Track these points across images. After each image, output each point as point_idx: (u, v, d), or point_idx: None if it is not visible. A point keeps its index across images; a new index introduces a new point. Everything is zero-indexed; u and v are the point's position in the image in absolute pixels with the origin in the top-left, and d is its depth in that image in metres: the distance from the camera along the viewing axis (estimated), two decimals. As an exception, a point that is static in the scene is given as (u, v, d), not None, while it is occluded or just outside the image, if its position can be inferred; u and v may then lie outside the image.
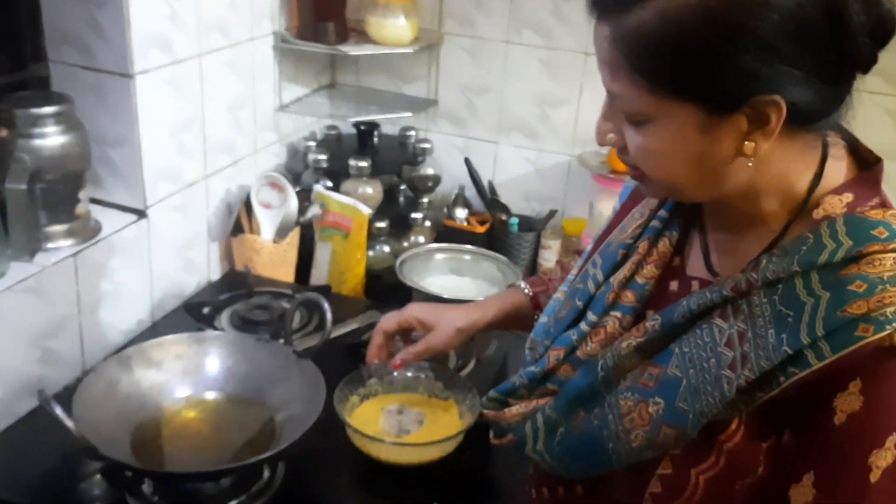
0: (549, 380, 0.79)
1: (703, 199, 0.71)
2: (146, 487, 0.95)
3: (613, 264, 0.78)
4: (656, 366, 0.69)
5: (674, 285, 0.76)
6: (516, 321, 1.01)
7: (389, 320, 1.02)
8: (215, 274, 1.54)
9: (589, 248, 0.88)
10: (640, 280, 0.76)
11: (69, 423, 0.79)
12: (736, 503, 0.66)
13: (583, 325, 0.77)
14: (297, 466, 1.03)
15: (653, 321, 0.70)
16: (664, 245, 0.77)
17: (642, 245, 0.77)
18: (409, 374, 1.11)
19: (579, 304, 0.79)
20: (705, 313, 0.67)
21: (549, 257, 1.77)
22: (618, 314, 0.76)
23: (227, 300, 1.40)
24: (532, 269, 1.78)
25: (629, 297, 0.76)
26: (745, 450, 0.65)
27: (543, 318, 0.86)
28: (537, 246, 1.79)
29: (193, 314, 1.33)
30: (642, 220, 0.79)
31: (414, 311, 1.02)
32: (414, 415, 1.06)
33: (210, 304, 1.37)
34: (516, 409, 0.80)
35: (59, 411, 0.79)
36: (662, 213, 0.78)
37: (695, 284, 0.74)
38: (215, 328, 1.31)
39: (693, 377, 0.66)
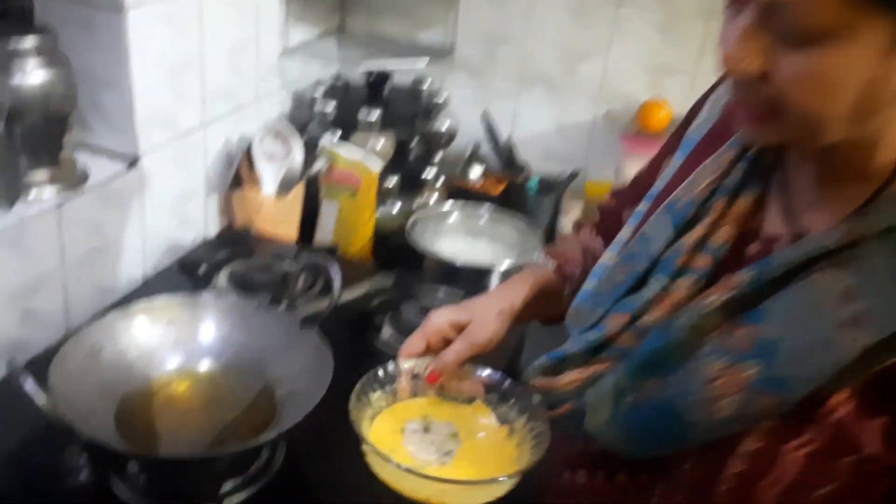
0: (608, 348, 0.71)
1: (832, 140, 0.61)
2: (132, 466, 0.86)
3: (684, 224, 0.69)
4: (748, 325, 0.61)
5: (753, 248, 0.68)
6: (548, 299, 0.91)
7: (412, 344, 0.82)
8: (213, 230, 1.44)
9: (642, 206, 0.79)
10: (714, 242, 0.68)
11: (41, 400, 0.69)
12: (834, 484, 0.59)
13: (648, 291, 0.69)
14: (300, 445, 0.94)
15: (743, 275, 0.62)
16: (743, 203, 0.68)
17: (718, 203, 0.69)
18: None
19: (642, 267, 0.71)
20: (805, 267, 0.60)
21: (568, 224, 1.66)
22: (689, 279, 0.68)
23: (226, 259, 1.30)
24: (551, 234, 1.68)
25: (702, 260, 0.68)
26: (854, 424, 0.58)
27: (589, 284, 0.77)
28: (557, 210, 1.68)
29: (189, 273, 1.23)
30: (717, 175, 0.70)
31: (439, 318, 0.83)
32: (444, 428, 0.81)
33: (207, 263, 1.27)
34: (571, 377, 0.72)
35: (29, 386, 0.69)
36: (741, 166, 0.69)
37: (779, 244, 0.66)
38: (212, 289, 1.21)
39: (797, 338, 0.58)
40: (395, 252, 1.48)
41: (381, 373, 0.82)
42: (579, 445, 0.84)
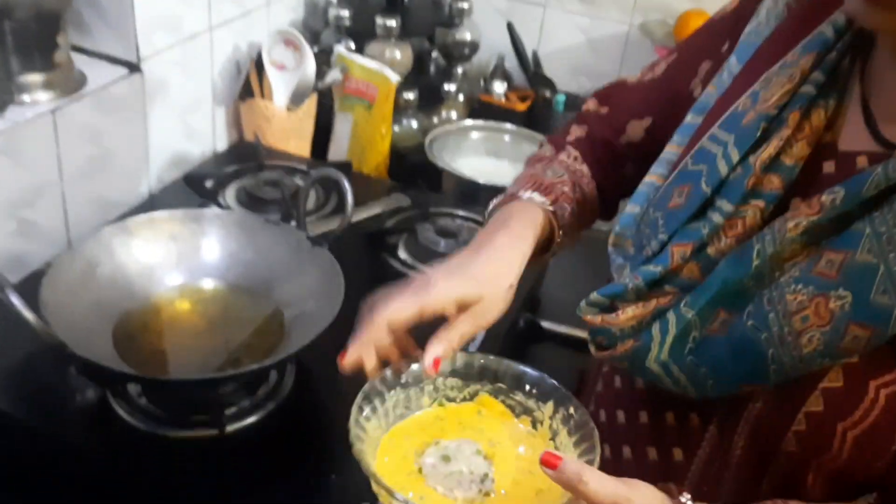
0: (670, 281, 0.64)
1: None
2: (133, 388, 0.81)
3: (753, 140, 0.61)
4: (836, 251, 0.55)
5: (828, 166, 0.60)
6: (541, 248, 0.76)
7: (401, 309, 0.64)
8: (221, 144, 1.37)
9: (691, 119, 0.71)
10: (787, 161, 0.60)
11: (28, 316, 0.64)
12: None
13: (715, 216, 0.62)
14: (309, 369, 0.89)
15: (832, 195, 0.56)
16: (819, 116, 0.61)
17: (792, 116, 0.61)
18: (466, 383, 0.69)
19: (706, 189, 0.63)
20: None
21: (597, 142, 1.58)
22: (759, 203, 0.61)
23: (234, 174, 1.23)
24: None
25: (774, 181, 0.61)
26: None
27: (633, 208, 0.70)
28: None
29: (195, 188, 1.17)
30: (791, 84, 0.61)
31: (447, 291, 0.65)
32: (463, 448, 0.64)
33: (214, 177, 1.21)
34: (632, 312, 0.65)
35: (16, 301, 0.63)
36: (817, 75, 0.61)
37: (861, 160, 0.59)
38: (220, 205, 1.15)
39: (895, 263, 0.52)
40: (413, 170, 1.41)
41: (370, 394, 0.64)
42: (614, 383, 0.78)
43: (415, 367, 0.66)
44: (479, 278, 0.67)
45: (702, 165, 0.64)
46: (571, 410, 0.64)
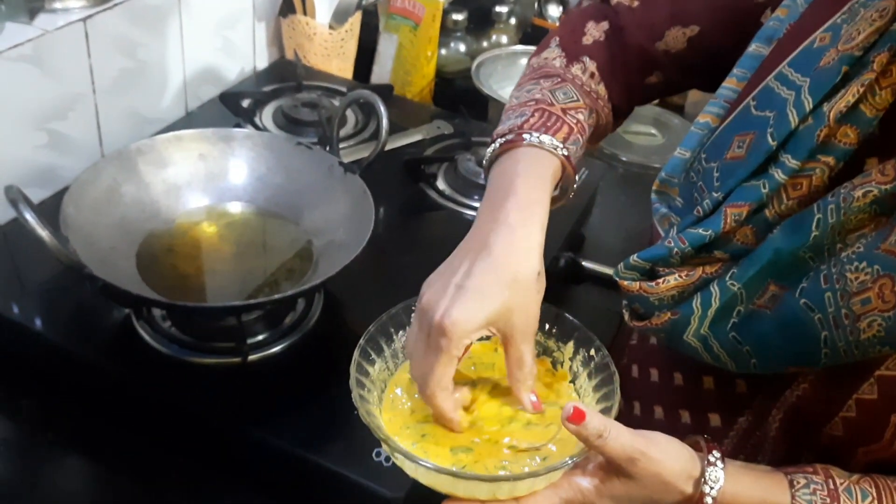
0: (720, 246, 0.57)
1: None
2: (157, 311, 0.79)
3: (831, 85, 0.53)
4: None
5: None
6: (554, 199, 0.64)
7: (442, 376, 0.55)
8: (262, 62, 1.32)
9: (759, 48, 0.63)
10: (867, 111, 0.52)
11: (42, 234, 0.61)
12: None
13: (777, 173, 0.54)
14: (338, 299, 0.86)
15: None
16: None
17: (878, 59, 0.52)
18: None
19: (772, 142, 0.55)
20: None
21: (655, 74, 1.48)
22: (829, 159, 0.53)
23: (272, 93, 1.19)
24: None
25: (849, 135, 0.52)
26: None
27: (683, 153, 0.63)
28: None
29: (230, 106, 1.13)
30: (883, 21, 0.52)
31: (462, 331, 0.53)
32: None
33: (251, 97, 1.17)
34: (674, 281, 0.59)
35: (29, 217, 0.61)
36: None
37: None
38: (256, 126, 1.11)
39: None
40: (458, 97, 1.35)
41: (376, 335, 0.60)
42: (649, 338, 0.73)
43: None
44: (500, 289, 0.54)
45: (768, 112, 0.56)
46: (592, 352, 0.60)
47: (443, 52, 1.38)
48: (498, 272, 0.54)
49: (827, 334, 0.51)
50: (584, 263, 1.04)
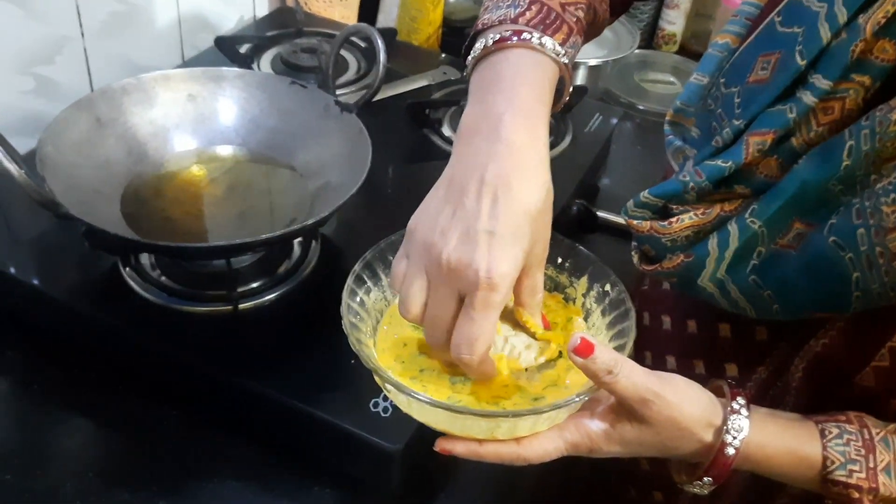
0: (741, 179, 0.52)
1: None
2: (146, 259, 0.76)
3: None
4: None
5: None
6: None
7: (488, 334, 0.47)
8: (262, 9, 1.27)
9: None
10: None
11: (11, 167, 0.57)
12: None
13: (805, 96, 0.49)
14: (337, 247, 0.82)
15: None
16: None
17: None
18: None
19: (801, 61, 0.49)
20: None
21: (675, 20, 1.42)
22: (864, 78, 0.47)
23: (271, 39, 1.14)
24: (651, 34, 1.44)
25: (887, 50, 0.47)
26: None
27: (700, 78, 0.58)
28: (660, 4, 1.44)
29: (226, 51, 1.08)
30: None
31: (508, 275, 0.47)
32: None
33: (248, 41, 1.12)
34: (689, 220, 0.54)
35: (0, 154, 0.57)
36: None
37: None
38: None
39: None
40: (466, 43, 1.29)
41: (373, 262, 0.56)
42: (661, 284, 0.68)
43: None
44: (528, 226, 0.47)
45: (796, 28, 0.50)
46: (607, 287, 0.55)
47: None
48: (523, 208, 0.47)
49: (859, 275, 0.46)
50: (597, 212, 0.99)
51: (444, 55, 1.24)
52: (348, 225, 0.84)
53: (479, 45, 0.54)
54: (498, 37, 0.52)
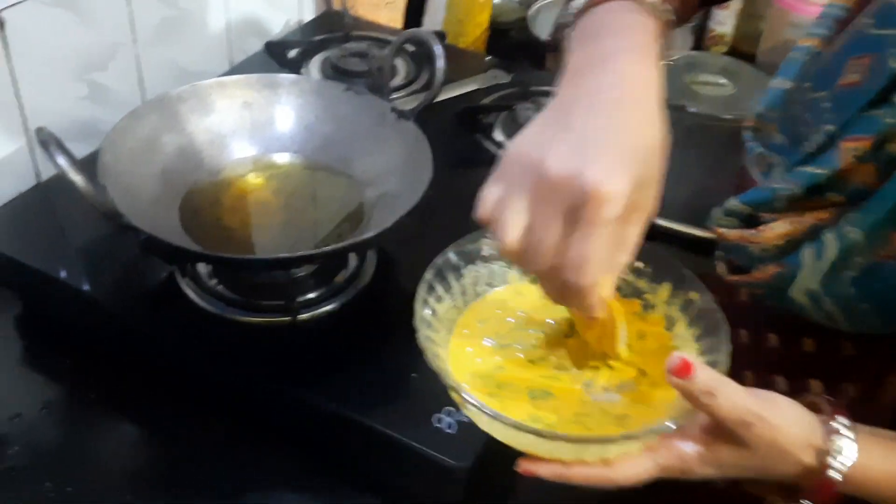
0: (835, 188, 0.50)
1: None
2: (203, 268, 0.75)
3: None
4: None
5: None
6: None
7: (617, 206, 0.42)
8: (308, 12, 1.26)
9: None
10: None
11: (76, 178, 0.57)
12: None
13: None
14: (392, 256, 0.80)
15: None
16: None
17: None
18: None
19: (894, 63, 0.47)
20: None
21: (726, 20, 1.39)
22: None
23: (319, 44, 1.13)
24: (700, 35, 1.41)
25: None
26: None
27: (783, 83, 0.56)
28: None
29: (276, 57, 1.08)
30: None
31: (628, 174, 0.42)
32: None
33: (297, 47, 1.11)
34: (781, 228, 0.52)
35: (62, 161, 0.56)
36: None
37: None
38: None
39: None
40: (514, 46, 1.28)
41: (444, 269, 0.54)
42: (738, 294, 0.66)
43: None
44: (637, 152, 0.42)
45: (892, 30, 0.48)
46: (693, 296, 0.52)
47: (496, 0, 1.31)
48: (639, 134, 0.42)
49: None
50: (656, 221, 0.96)
51: (489, 57, 1.22)
52: (399, 232, 0.83)
53: (577, 2, 0.51)
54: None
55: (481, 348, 0.54)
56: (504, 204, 0.43)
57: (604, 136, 0.42)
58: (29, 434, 0.70)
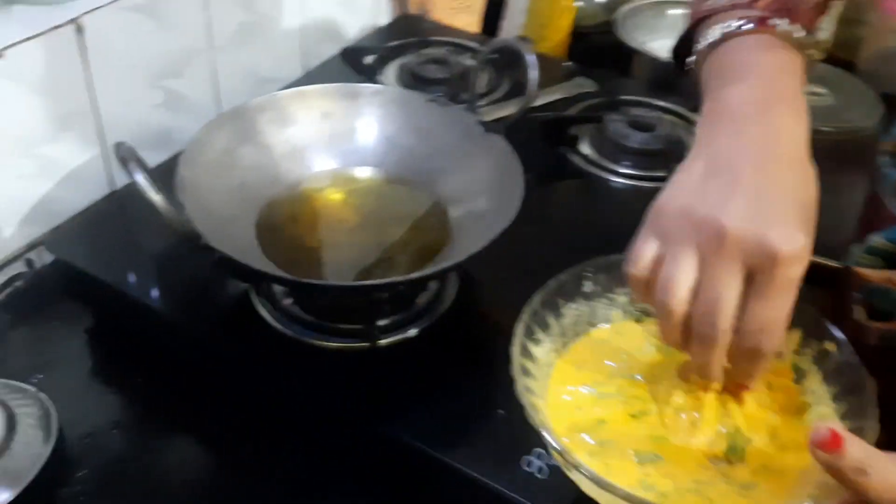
0: None
1: None
2: (278, 287, 0.71)
3: None
4: None
5: None
6: None
7: (803, 267, 0.42)
8: (384, 17, 1.22)
9: None
10: None
11: (155, 198, 0.54)
12: None
13: None
14: (476, 278, 0.75)
15: None
16: None
17: None
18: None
19: None
20: None
21: (825, 26, 1.30)
22: None
23: (395, 50, 1.09)
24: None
25: None
26: None
27: None
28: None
29: (353, 64, 1.04)
30: None
31: (808, 235, 0.42)
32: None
33: (374, 53, 1.07)
34: None
35: (141, 178, 0.53)
36: None
37: None
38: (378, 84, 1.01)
39: None
40: (598, 52, 1.22)
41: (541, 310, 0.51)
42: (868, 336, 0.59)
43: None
44: (811, 206, 0.43)
45: None
46: (829, 346, 0.47)
47: (579, 2, 1.25)
48: (806, 193, 0.43)
49: None
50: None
51: (571, 63, 1.16)
52: (484, 251, 0.78)
53: (718, 30, 0.49)
54: (742, 23, 0.48)
55: (580, 396, 0.49)
56: (669, 260, 0.42)
57: (779, 194, 0.41)
58: (98, 455, 0.68)
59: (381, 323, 0.68)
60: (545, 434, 0.44)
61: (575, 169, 0.93)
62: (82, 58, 0.79)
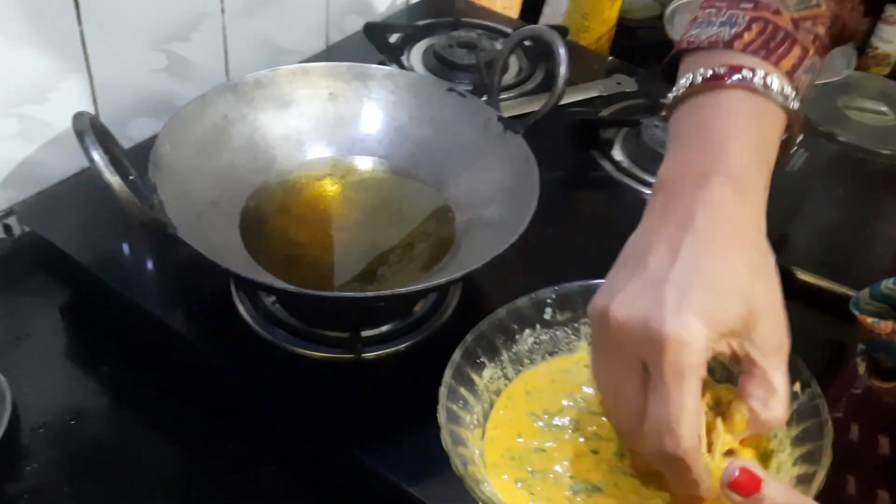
0: None
1: None
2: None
3: None
4: None
5: None
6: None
7: (695, 352, 0.38)
8: (416, -6, 1.15)
9: None
10: None
11: (111, 179, 0.47)
12: None
13: None
14: (479, 289, 0.68)
15: None
16: None
17: None
18: None
19: None
20: None
21: (893, 37, 1.20)
22: None
23: (424, 29, 1.02)
24: (862, 46, 1.22)
25: None
26: None
27: None
28: (875, 18, 1.22)
29: (375, 39, 0.96)
30: None
31: (712, 315, 0.38)
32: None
33: (400, 31, 1.00)
34: None
35: (96, 155, 0.46)
36: None
37: None
38: (402, 66, 0.94)
39: None
40: (643, 48, 1.14)
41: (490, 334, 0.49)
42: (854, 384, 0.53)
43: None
44: (735, 283, 0.38)
45: None
46: (797, 388, 0.42)
47: (628, -6, 1.17)
48: (726, 264, 0.38)
49: None
50: (796, 272, 0.80)
51: (612, 58, 1.08)
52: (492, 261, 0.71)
53: (684, 82, 0.44)
54: (710, 74, 0.43)
55: (527, 426, 0.47)
56: (592, 362, 0.42)
57: (683, 278, 0.38)
58: (52, 448, 0.63)
59: (370, 333, 0.62)
60: (451, 456, 0.42)
61: (605, 175, 0.85)
62: (76, 10, 0.72)
